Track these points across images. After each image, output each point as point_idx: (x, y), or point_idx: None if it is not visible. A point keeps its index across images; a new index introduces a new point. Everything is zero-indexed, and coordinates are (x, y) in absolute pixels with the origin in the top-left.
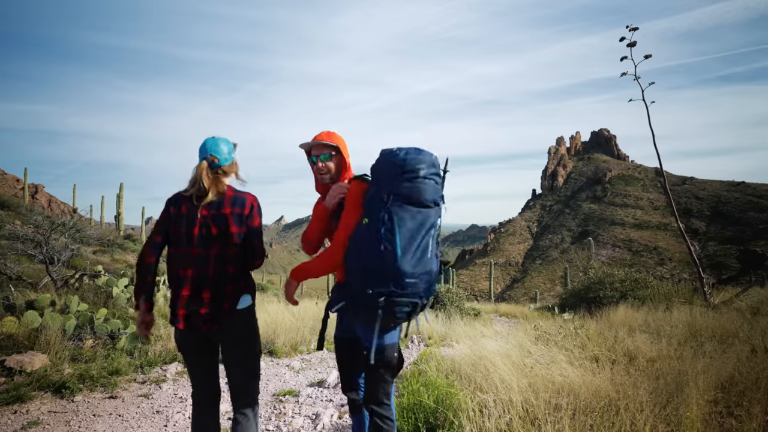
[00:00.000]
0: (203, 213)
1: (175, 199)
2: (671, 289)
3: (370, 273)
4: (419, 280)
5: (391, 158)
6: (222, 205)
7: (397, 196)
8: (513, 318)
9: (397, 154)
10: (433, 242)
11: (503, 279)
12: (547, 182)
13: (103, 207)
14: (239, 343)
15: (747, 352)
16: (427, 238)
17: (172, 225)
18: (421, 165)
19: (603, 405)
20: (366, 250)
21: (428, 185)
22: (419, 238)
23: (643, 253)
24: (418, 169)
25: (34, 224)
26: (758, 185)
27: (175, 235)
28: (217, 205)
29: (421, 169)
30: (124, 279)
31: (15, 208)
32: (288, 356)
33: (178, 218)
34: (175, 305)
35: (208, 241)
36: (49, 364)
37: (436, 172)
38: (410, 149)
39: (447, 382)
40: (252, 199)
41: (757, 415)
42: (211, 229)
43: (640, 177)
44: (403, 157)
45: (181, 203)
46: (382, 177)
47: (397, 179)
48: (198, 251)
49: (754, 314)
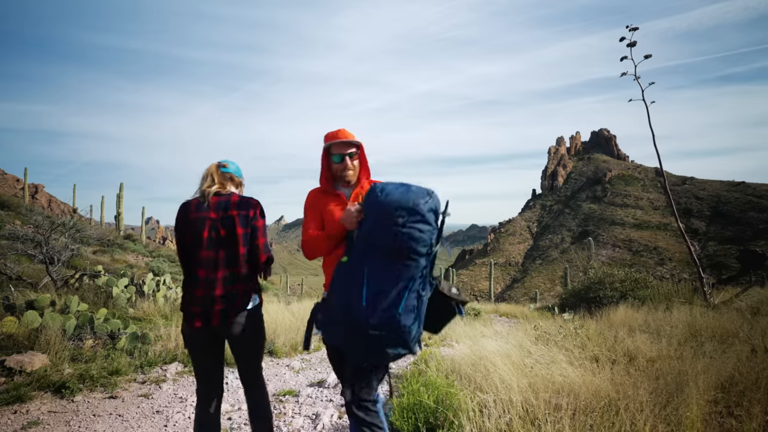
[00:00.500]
0: (211, 216)
1: (184, 206)
2: (671, 289)
3: (336, 312)
4: (384, 334)
5: (371, 197)
6: (229, 208)
7: (371, 241)
8: (513, 318)
9: (377, 195)
10: (411, 297)
11: (503, 279)
12: (547, 182)
13: (103, 207)
14: (248, 339)
15: (747, 352)
16: (403, 292)
17: (186, 230)
18: (400, 212)
19: (603, 405)
20: (338, 290)
21: (406, 235)
22: (392, 292)
23: (643, 253)
24: (395, 216)
25: (34, 224)
26: (758, 185)
27: (188, 240)
28: (225, 207)
29: (400, 216)
30: (124, 279)
31: (15, 208)
32: (288, 356)
33: (189, 223)
34: (190, 305)
35: (217, 243)
36: (49, 364)
37: (421, 219)
38: (393, 189)
39: (447, 382)
40: (255, 203)
41: (757, 415)
42: (219, 232)
43: (640, 177)
44: (381, 200)
45: (190, 209)
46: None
47: (373, 222)
48: (207, 253)
49: (754, 314)
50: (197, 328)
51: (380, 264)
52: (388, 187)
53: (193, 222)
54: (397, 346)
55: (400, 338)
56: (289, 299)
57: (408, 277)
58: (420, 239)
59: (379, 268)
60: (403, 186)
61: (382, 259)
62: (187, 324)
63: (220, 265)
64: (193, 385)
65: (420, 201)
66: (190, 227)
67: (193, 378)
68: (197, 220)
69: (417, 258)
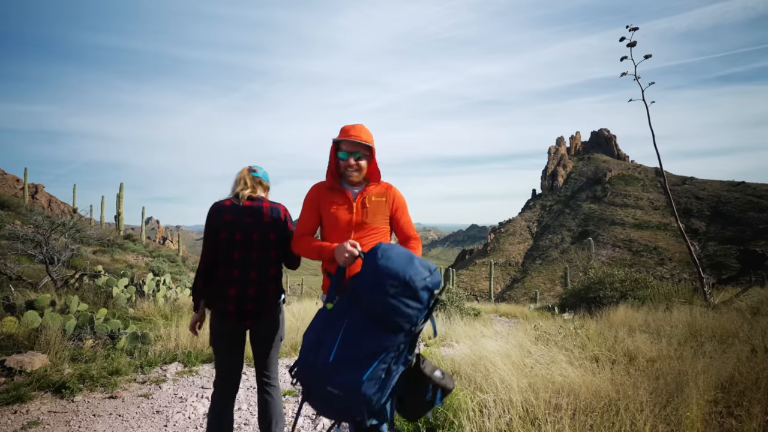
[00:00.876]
0: (245, 220)
1: (217, 208)
2: (671, 289)
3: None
4: (341, 395)
5: (369, 256)
6: (261, 214)
7: (357, 299)
8: (513, 318)
9: (377, 256)
10: (380, 368)
11: (503, 279)
12: (547, 182)
13: (103, 207)
14: (272, 335)
15: (747, 352)
16: (372, 361)
17: (220, 230)
18: (393, 282)
19: (603, 405)
20: (313, 333)
21: (393, 307)
22: (361, 357)
23: (643, 253)
24: (386, 285)
25: (34, 224)
26: (758, 185)
27: (221, 242)
28: (257, 213)
29: (392, 286)
30: (124, 279)
31: (15, 208)
32: (288, 356)
33: (224, 224)
34: (223, 302)
35: (250, 246)
36: (49, 364)
37: (412, 295)
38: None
39: None
40: (284, 209)
41: (757, 415)
42: (252, 235)
43: (640, 177)
44: (378, 263)
45: (224, 212)
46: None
47: (364, 282)
48: (241, 254)
49: (754, 314)
50: (231, 324)
51: (359, 325)
52: (391, 251)
53: (227, 223)
54: (351, 412)
55: (355, 405)
56: (289, 299)
57: (383, 348)
58: (406, 315)
59: (357, 329)
60: (406, 256)
61: (363, 321)
62: (219, 320)
63: (253, 266)
64: (192, 385)
65: (417, 277)
66: (226, 228)
67: (193, 378)
68: (231, 222)
69: (398, 332)
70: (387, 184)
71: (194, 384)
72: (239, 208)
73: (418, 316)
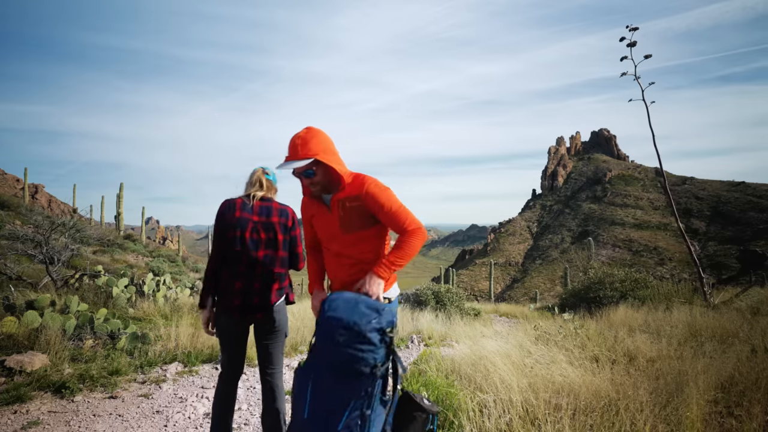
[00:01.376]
0: (254, 219)
1: (228, 205)
2: (671, 289)
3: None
4: None
5: (320, 308)
6: (271, 214)
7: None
8: (513, 318)
9: (324, 308)
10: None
11: (503, 279)
12: (547, 182)
13: (103, 207)
14: (277, 328)
15: (747, 352)
16: (344, 410)
17: (231, 228)
18: (340, 331)
19: (603, 405)
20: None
21: (346, 356)
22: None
23: (643, 253)
24: (335, 335)
25: (34, 224)
26: (758, 185)
27: (230, 238)
28: (267, 213)
29: (340, 335)
30: (124, 279)
31: (15, 208)
32: (288, 356)
33: (233, 223)
34: (230, 297)
35: (258, 244)
36: (49, 364)
37: (362, 339)
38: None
39: (447, 382)
40: (292, 212)
41: (757, 415)
42: (260, 234)
43: (640, 177)
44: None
45: (235, 209)
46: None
47: (319, 336)
48: (249, 252)
49: (754, 314)
50: (235, 319)
51: (325, 378)
52: (337, 300)
53: (238, 220)
54: None
55: None
56: None
57: (349, 397)
58: (361, 360)
59: (323, 382)
60: (352, 301)
61: (327, 374)
62: (225, 314)
63: (260, 262)
64: (192, 385)
65: (362, 320)
66: (236, 225)
67: (193, 378)
68: (242, 219)
69: (359, 378)
70: (360, 182)
71: (194, 384)
72: (250, 206)
73: (375, 359)
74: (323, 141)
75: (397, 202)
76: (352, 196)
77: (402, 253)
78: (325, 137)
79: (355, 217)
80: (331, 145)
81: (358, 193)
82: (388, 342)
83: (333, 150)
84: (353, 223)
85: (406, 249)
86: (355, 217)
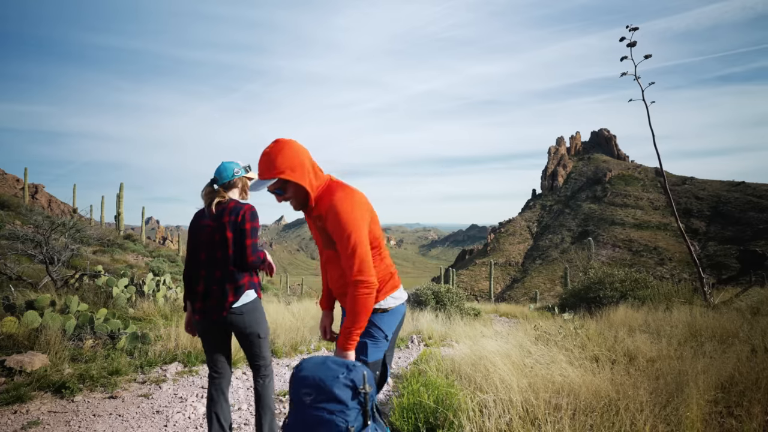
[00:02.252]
0: (210, 224)
1: (194, 215)
2: (671, 289)
3: None
4: None
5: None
6: (222, 215)
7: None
8: (513, 318)
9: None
10: None
11: (503, 279)
12: (547, 182)
13: (103, 207)
14: (245, 330)
15: (747, 352)
16: None
17: (190, 237)
18: (307, 390)
19: (603, 405)
20: None
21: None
22: None
23: (643, 253)
24: (302, 395)
25: (34, 224)
26: (758, 185)
27: (191, 244)
28: (219, 215)
29: (306, 395)
30: (124, 279)
31: (15, 208)
32: (288, 356)
33: (195, 229)
34: (194, 300)
35: (212, 246)
36: (49, 364)
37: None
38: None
39: (447, 382)
40: (247, 208)
41: (757, 415)
42: (214, 236)
43: (640, 177)
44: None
45: (198, 218)
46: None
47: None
48: (205, 255)
49: (754, 314)
50: (198, 321)
51: None
52: (309, 361)
53: (198, 228)
54: None
55: None
56: (289, 299)
57: None
58: (328, 423)
59: None
60: (320, 360)
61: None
62: (192, 316)
63: (214, 265)
64: (192, 385)
65: (327, 375)
66: (196, 231)
67: (193, 378)
68: (200, 225)
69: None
70: (326, 202)
71: (194, 384)
72: (204, 212)
73: (347, 421)
74: (289, 156)
75: (354, 239)
76: (319, 214)
77: (353, 315)
78: (292, 151)
79: (325, 237)
80: (299, 159)
81: (323, 212)
82: (363, 402)
83: (301, 163)
84: (327, 241)
85: (355, 308)
86: (325, 236)
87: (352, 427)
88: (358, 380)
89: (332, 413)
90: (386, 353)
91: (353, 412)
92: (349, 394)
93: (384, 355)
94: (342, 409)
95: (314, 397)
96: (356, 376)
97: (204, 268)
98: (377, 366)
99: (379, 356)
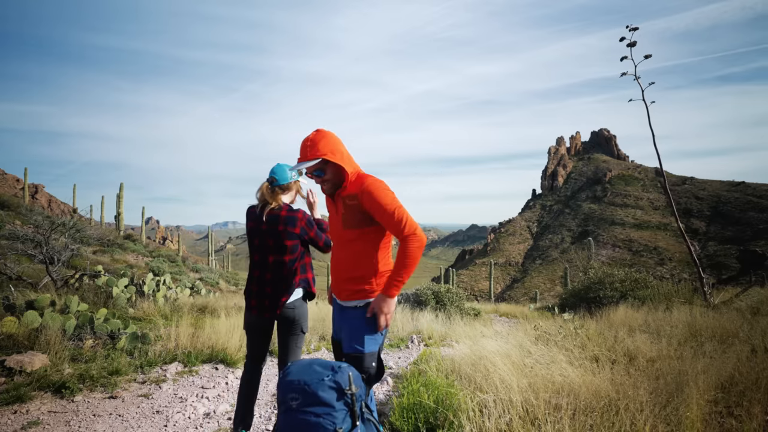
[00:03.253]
0: (263, 228)
1: (247, 214)
2: (671, 289)
3: None
4: None
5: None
6: (276, 222)
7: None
8: (513, 318)
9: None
10: None
11: (503, 279)
12: (547, 182)
13: (103, 207)
14: (292, 324)
15: (747, 352)
16: None
17: (248, 238)
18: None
19: (603, 405)
20: None
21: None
22: None
23: (643, 253)
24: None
25: (34, 224)
26: (758, 185)
27: (249, 243)
28: (272, 221)
29: (293, 400)
30: (124, 279)
31: (15, 208)
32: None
33: (249, 231)
34: (249, 298)
35: (265, 250)
36: (49, 364)
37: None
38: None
39: (447, 382)
40: (302, 215)
41: (757, 415)
42: (267, 241)
43: (640, 177)
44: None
45: (251, 219)
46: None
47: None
48: (259, 257)
49: (754, 314)
50: (252, 316)
51: None
52: (292, 366)
53: (251, 230)
54: None
55: None
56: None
57: None
58: (317, 425)
59: None
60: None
61: None
62: (246, 312)
63: (269, 268)
64: (192, 385)
65: (312, 378)
66: (249, 233)
67: (193, 378)
68: (254, 228)
69: None
70: (360, 181)
71: (194, 384)
72: (258, 216)
73: (334, 424)
74: (331, 142)
75: (394, 204)
76: (352, 194)
77: (402, 265)
78: (333, 138)
79: (353, 215)
80: (340, 146)
81: (356, 192)
82: (350, 403)
83: (341, 150)
84: (352, 220)
85: (405, 260)
86: (353, 215)
87: (340, 429)
88: (344, 382)
89: (318, 416)
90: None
91: (340, 414)
92: (335, 396)
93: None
94: (328, 412)
95: (300, 401)
96: (341, 377)
97: (257, 269)
98: (373, 357)
99: (374, 348)
